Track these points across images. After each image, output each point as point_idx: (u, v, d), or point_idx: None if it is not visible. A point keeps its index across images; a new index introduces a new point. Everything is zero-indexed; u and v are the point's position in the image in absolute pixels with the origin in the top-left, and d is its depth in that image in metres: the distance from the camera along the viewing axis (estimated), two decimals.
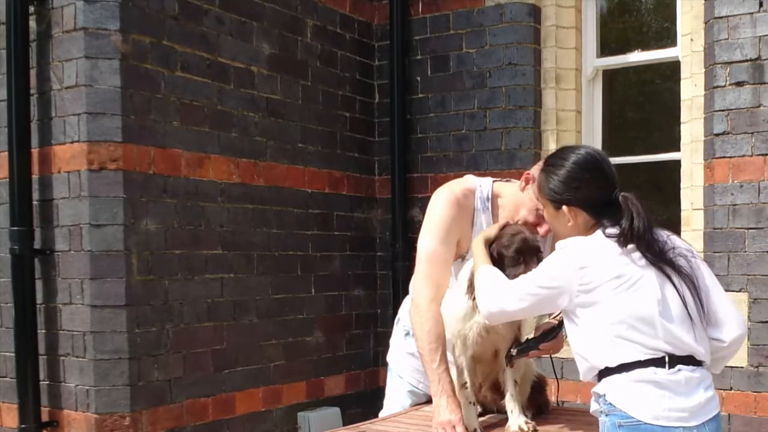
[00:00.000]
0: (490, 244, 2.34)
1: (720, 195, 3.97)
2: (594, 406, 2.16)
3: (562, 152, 2.21)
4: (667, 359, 2.01)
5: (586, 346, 2.09)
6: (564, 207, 2.14)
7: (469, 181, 2.63)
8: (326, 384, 4.79)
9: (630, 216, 2.05)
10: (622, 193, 2.11)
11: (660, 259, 2.04)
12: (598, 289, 2.03)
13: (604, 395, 2.06)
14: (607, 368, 2.06)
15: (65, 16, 3.67)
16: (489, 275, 2.24)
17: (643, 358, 2.01)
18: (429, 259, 2.51)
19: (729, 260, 3.95)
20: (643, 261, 2.04)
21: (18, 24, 3.64)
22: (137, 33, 3.73)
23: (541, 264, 2.17)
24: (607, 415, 2.06)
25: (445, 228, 2.51)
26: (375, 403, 3.13)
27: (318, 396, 4.73)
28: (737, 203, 3.94)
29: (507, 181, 2.69)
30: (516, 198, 2.54)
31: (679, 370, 2.01)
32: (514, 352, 2.41)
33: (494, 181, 2.64)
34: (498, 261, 2.30)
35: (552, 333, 2.41)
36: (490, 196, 2.59)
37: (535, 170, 2.52)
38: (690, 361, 2.04)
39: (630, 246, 2.04)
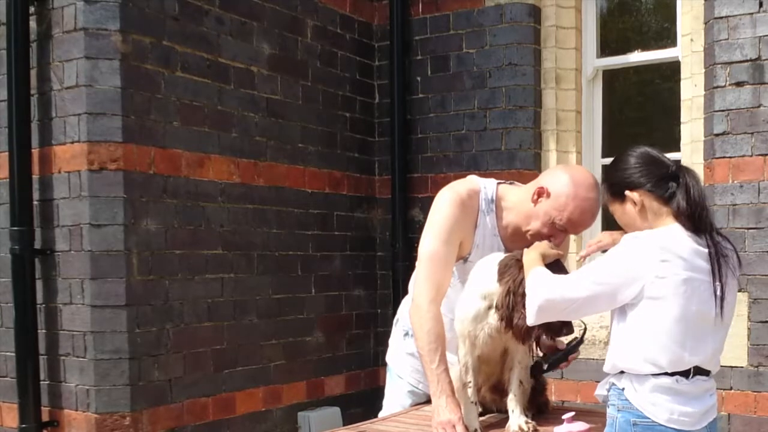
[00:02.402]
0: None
1: (720, 195, 3.97)
2: (602, 391, 2.20)
3: (614, 161, 2.28)
4: (692, 371, 2.08)
5: (631, 344, 2.08)
6: (627, 192, 2.16)
7: (474, 181, 2.63)
8: (326, 384, 4.79)
9: (692, 183, 2.12)
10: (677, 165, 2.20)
11: (719, 270, 2.09)
12: (670, 285, 2.03)
13: (623, 390, 2.10)
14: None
15: (65, 16, 3.66)
16: (546, 273, 2.18)
17: (675, 370, 2.07)
18: (430, 259, 2.51)
19: None
20: (712, 266, 2.08)
21: (18, 24, 3.64)
22: (137, 33, 3.73)
23: (605, 256, 2.14)
24: (619, 411, 2.11)
25: (447, 228, 2.51)
26: (375, 403, 3.13)
27: (318, 396, 4.73)
28: (737, 203, 3.94)
29: (511, 183, 2.68)
30: (527, 209, 2.51)
31: (696, 379, 2.09)
32: (545, 366, 2.43)
33: (498, 183, 2.63)
34: None
35: (578, 344, 2.41)
36: (494, 198, 2.58)
37: (546, 182, 2.50)
38: (705, 371, 2.12)
39: (701, 238, 2.08)
